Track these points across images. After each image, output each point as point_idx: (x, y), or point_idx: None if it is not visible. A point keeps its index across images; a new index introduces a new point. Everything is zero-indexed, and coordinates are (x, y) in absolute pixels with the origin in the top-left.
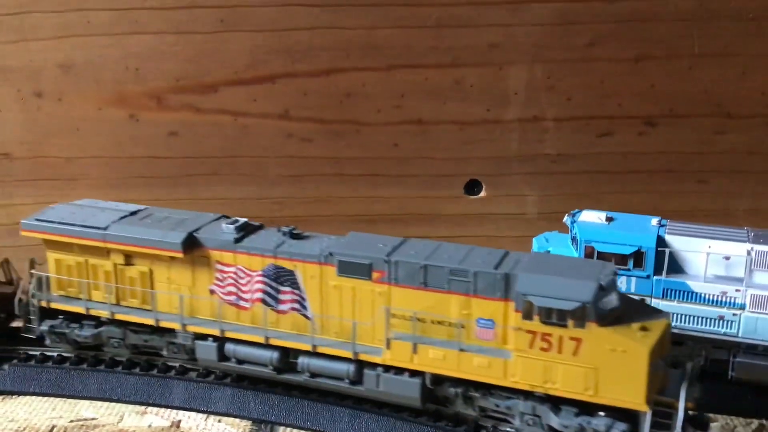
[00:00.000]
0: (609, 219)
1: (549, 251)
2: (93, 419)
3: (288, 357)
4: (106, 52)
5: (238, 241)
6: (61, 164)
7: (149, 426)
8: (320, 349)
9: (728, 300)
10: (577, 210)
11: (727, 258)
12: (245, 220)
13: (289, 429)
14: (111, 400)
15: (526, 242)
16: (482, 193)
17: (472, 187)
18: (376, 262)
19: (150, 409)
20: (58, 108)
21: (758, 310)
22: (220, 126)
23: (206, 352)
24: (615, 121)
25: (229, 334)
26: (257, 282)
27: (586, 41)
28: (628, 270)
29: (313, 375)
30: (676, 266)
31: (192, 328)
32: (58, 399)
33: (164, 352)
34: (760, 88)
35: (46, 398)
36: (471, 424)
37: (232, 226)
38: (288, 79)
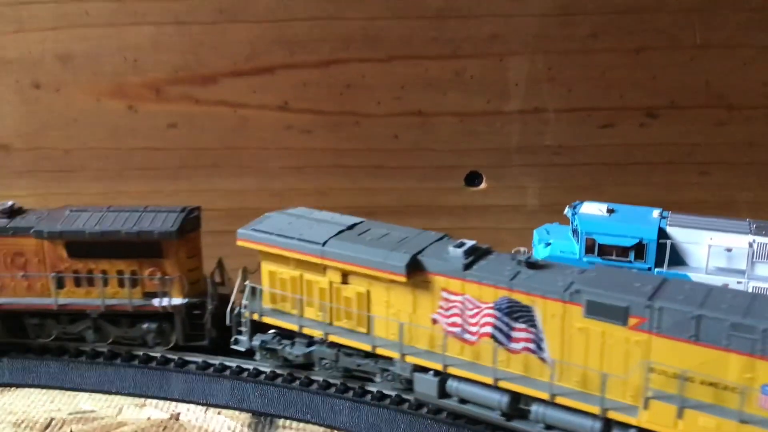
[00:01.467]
0: (610, 211)
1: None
2: (92, 412)
3: (518, 402)
4: (105, 43)
5: (467, 267)
6: (59, 156)
7: (148, 418)
8: (559, 400)
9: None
10: (578, 202)
11: (729, 250)
12: (473, 242)
13: (288, 421)
14: (110, 393)
15: (526, 234)
16: (483, 185)
17: (473, 178)
18: (634, 306)
19: (149, 401)
20: (57, 99)
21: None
22: (219, 117)
23: (426, 386)
24: (616, 112)
25: (452, 370)
26: (487, 315)
27: (587, 32)
28: (630, 262)
29: (548, 427)
30: (677, 258)
31: (411, 359)
32: (56, 391)
33: (377, 379)
34: (761, 80)
35: (44, 390)
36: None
37: (460, 251)
38: (287, 70)
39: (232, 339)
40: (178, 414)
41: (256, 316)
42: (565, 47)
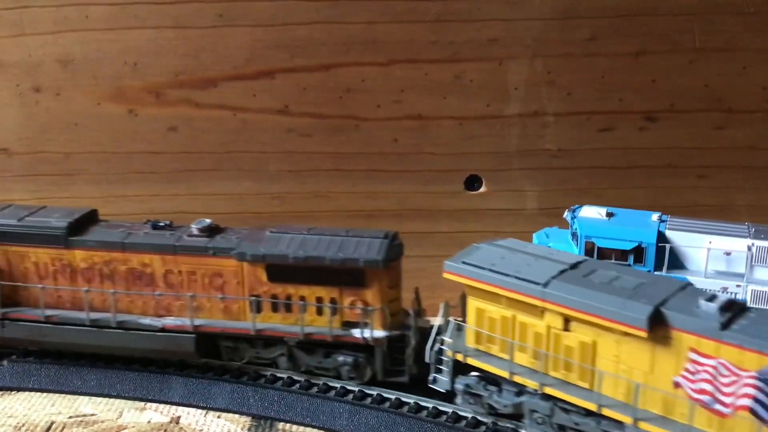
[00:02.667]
0: (609, 214)
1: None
2: (92, 415)
3: None
4: (105, 46)
5: (724, 327)
6: (59, 159)
7: (149, 422)
8: None
9: (729, 296)
10: (577, 205)
11: (728, 254)
12: (727, 296)
13: (288, 425)
14: (110, 396)
15: (526, 238)
16: (482, 189)
17: (472, 182)
18: None
19: (149, 404)
20: (57, 103)
21: (759, 306)
22: (219, 121)
23: None
24: (615, 116)
25: None
26: (748, 385)
27: (587, 36)
28: (629, 266)
29: None
30: (676, 262)
31: (647, 426)
32: (57, 395)
33: None
34: (761, 83)
35: (45, 394)
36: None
37: (713, 306)
38: (287, 74)
39: (431, 378)
40: (179, 417)
41: (460, 357)
42: (565, 51)
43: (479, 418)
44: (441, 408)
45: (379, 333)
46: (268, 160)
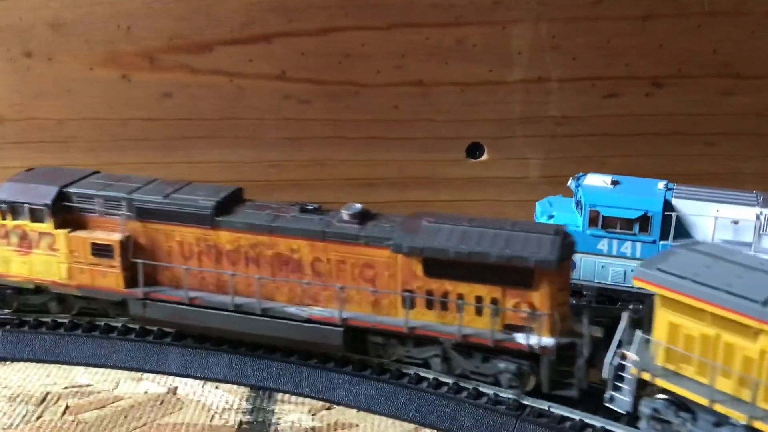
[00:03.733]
0: (614, 183)
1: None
2: (88, 385)
3: None
4: (97, 9)
5: None
6: (52, 126)
7: (145, 392)
8: None
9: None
10: (581, 173)
11: (736, 222)
12: None
13: (287, 395)
14: (106, 366)
15: (529, 207)
16: (484, 157)
17: (474, 150)
18: None
19: (146, 375)
20: (49, 68)
21: None
22: (215, 87)
23: None
24: (621, 82)
25: None
26: None
27: None
28: (634, 235)
29: None
30: (683, 231)
31: None
32: (52, 365)
33: None
34: None
35: (40, 364)
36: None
37: None
38: (284, 38)
39: (607, 395)
40: (176, 388)
41: (647, 376)
42: (570, 14)
43: (480, 389)
44: (441, 379)
45: (547, 340)
46: (265, 128)
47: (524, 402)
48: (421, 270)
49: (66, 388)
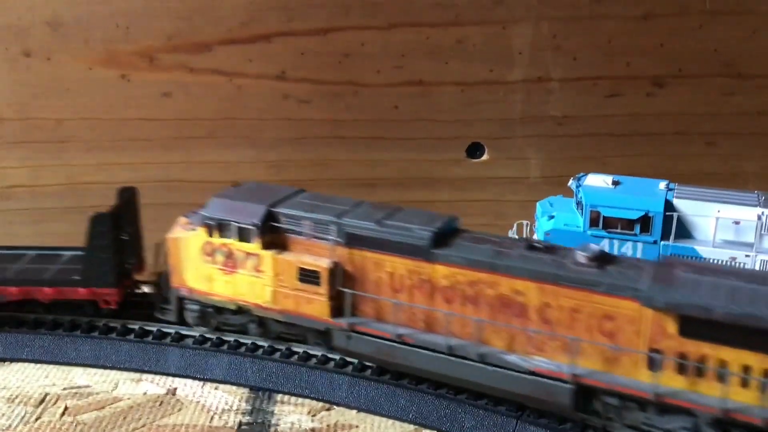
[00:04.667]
0: (615, 183)
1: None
2: (87, 387)
3: None
4: (96, 9)
5: None
6: (51, 126)
7: (144, 393)
8: None
9: (738, 265)
10: (582, 173)
11: (737, 222)
12: None
13: (287, 396)
14: (105, 367)
15: (529, 207)
16: (485, 157)
17: (475, 150)
18: None
19: (145, 376)
20: (47, 68)
21: None
22: (214, 87)
23: None
24: (622, 81)
25: None
26: None
27: None
28: (635, 235)
29: None
30: (684, 231)
31: None
32: (51, 366)
33: None
34: None
35: (39, 365)
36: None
37: None
38: (284, 37)
39: None
40: (175, 389)
41: None
42: (571, 14)
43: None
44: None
45: None
46: (264, 128)
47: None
48: (676, 329)
49: (65, 389)
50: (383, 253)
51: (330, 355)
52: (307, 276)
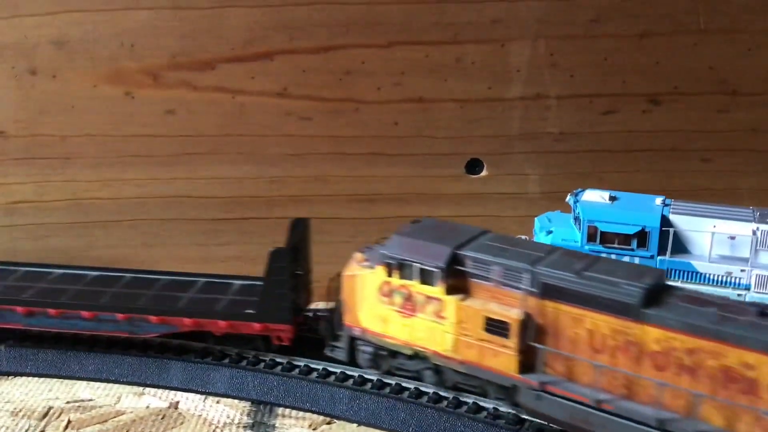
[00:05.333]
0: (612, 198)
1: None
2: (90, 400)
3: None
4: (101, 28)
5: None
6: (56, 143)
7: (147, 407)
8: None
9: (733, 280)
10: (579, 189)
11: (733, 238)
12: None
13: (287, 410)
14: (108, 381)
15: (528, 222)
16: (483, 173)
17: (474, 166)
18: None
19: (147, 390)
20: (53, 85)
21: (763, 291)
22: (217, 104)
23: None
24: (619, 98)
25: None
26: None
27: (590, 17)
28: (632, 250)
29: None
30: (680, 246)
31: None
32: (54, 380)
33: None
34: (765, 66)
35: (42, 379)
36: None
37: None
38: (286, 56)
39: None
40: (177, 402)
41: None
42: (568, 32)
43: (480, 403)
44: (441, 393)
45: None
46: (267, 144)
47: (523, 417)
48: None
49: (68, 402)
50: (583, 308)
51: (331, 369)
52: (495, 326)
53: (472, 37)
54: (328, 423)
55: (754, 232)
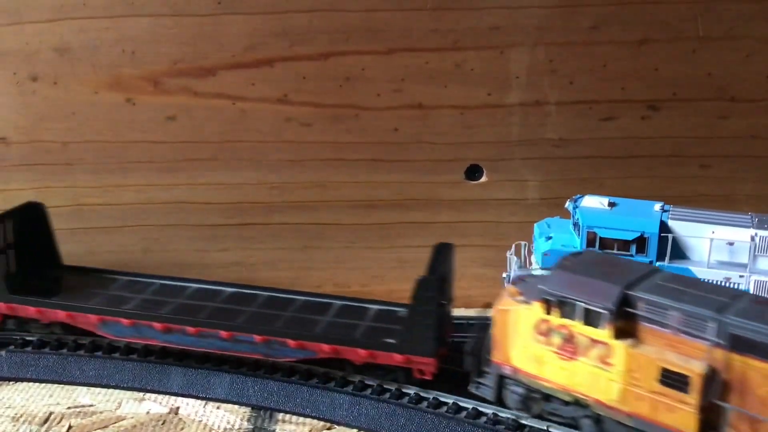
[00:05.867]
0: (611, 204)
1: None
2: (90, 406)
3: None
4: (102, 35)
5: None
6: (57, 149)
7: (147, 412)
8: None
9: (732, 286)
10: (579, 195)
11: (731, 244)
12: None
13: (288, 415)
14: (109, 387)
15: (527, 228)
16: (483, 178)
17: (473, 172)
18: None
19: (148, 395)
20: (54, 92)
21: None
22: (218, 110)
23: None
24: (618, 105)
25: None
26: None
27: (589, 24)
28: (631, 256)
29: None
30: (679, 252)
31: None
32: (55, 385)
33: None
34: (764, 72)
35: (43, 384)
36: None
37: None
38: (287, 62)
39: None
40: (178, 408)
41: None
42: (567, 39)
43: (479, 409)
44: (441, 399)
45: None
46: (267, 150)
47: (523, 422)
48: None
49: (69, 408)
50: None
51: (331, 374)
52: (672, 379)
53: (471, 43)
54: (329, 428)
55: (752, 238)
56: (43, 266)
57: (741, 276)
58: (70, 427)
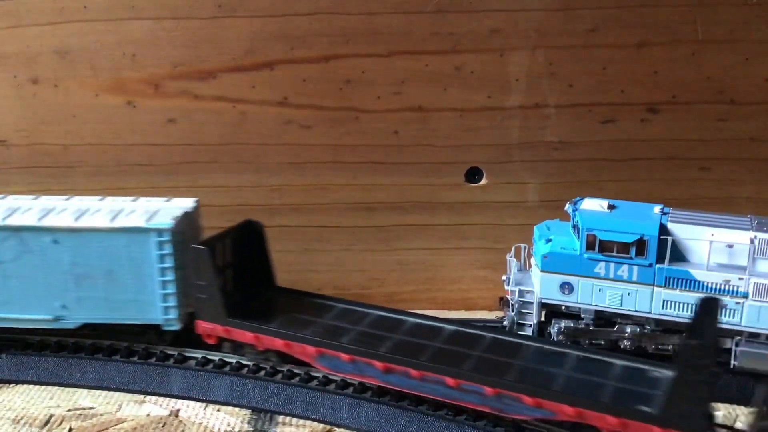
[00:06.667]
0: (611, 207)
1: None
2: (91, 408)
3: None
4: (103, 37)
5: None
6: (57, 151)
7: (148, 415)
8: None
9: (731, 288)
10: (578, 198)
11: (731, 246)
12: None
13: (288, 418)
14: (109, 389)
15: (527, 230)
16: (483, 181)
17: (473, 174)
18: None
19: (148, 397)
20: (55, 94)
21: (761, 299)
22: (218, 113)
23: None
24: (617, 108)
25: None
26: None
27: (589, 27)
28: (631, 258)
29: None
30: (678, 255)
31: None
32: (55, 388)
33: None
34: (763, 75)
35: (43, 387)
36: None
37: None
38: (287, 65)
39: None
40: (178, 410)
41: None
42: (566, 42)
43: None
44: (442, 401)
45: None
46: (267, 153)
47: (523, 425)
48: None
49: (69, 410)
50: None
51: (331, 377)
52: None
53: (471, 46)
54: (329, 431)
55: (752, 241)
56: (258, 287)
57: (740, 278)
58: (70, 429)
